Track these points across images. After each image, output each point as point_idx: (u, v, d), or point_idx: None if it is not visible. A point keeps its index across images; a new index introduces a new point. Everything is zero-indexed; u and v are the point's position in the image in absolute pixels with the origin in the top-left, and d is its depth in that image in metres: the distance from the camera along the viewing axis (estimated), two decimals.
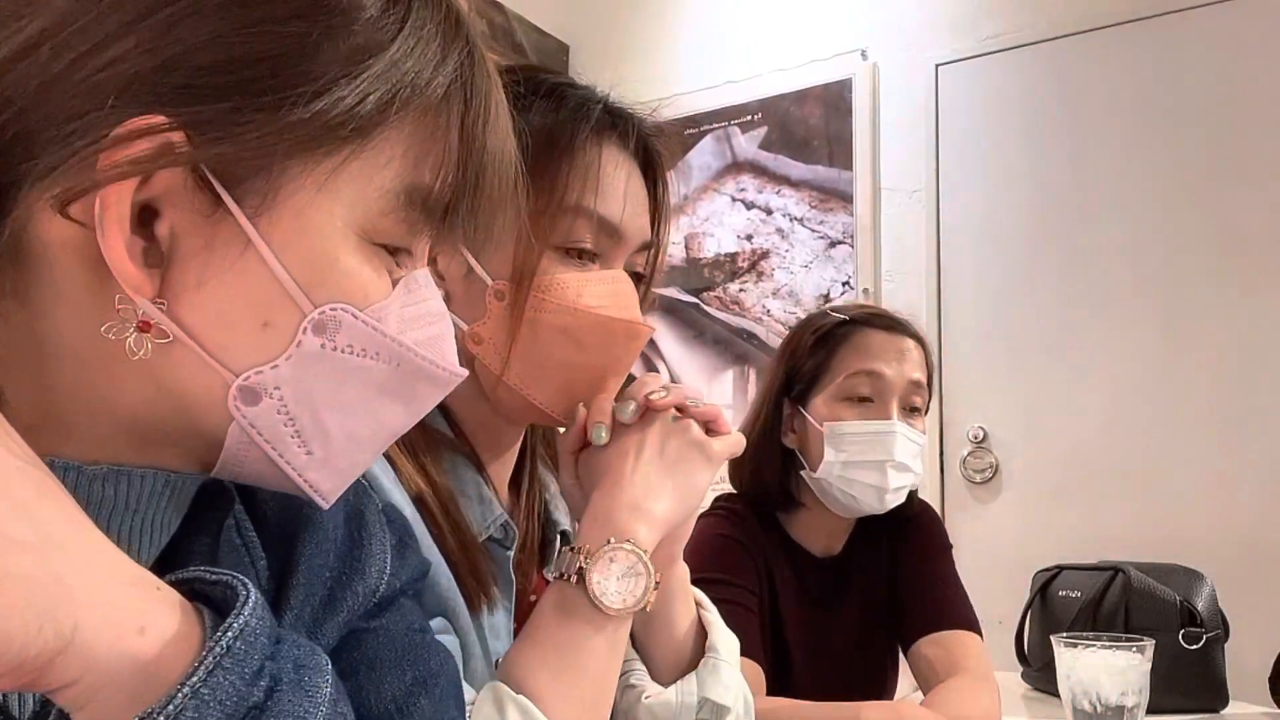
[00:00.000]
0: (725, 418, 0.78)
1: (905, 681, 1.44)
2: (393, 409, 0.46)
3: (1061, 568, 1.55)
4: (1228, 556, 1.99)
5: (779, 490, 1.34)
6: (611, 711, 0.72)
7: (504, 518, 0.74)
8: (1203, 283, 2.22)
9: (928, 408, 1.34)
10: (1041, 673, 1.48)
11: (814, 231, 2.69)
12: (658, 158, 0.80)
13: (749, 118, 2.81)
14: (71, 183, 0.37)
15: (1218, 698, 1.37)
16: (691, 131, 2.88)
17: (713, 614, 0.81)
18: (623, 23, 3.03)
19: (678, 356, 2.85)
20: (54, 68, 0.38)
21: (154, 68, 0.38)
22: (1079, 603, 1.45)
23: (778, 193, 2.75)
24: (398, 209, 0.44)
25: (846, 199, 2.64)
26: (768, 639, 1.27)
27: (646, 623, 0.76)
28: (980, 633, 1.30)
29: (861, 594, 1.38)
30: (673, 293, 2.88)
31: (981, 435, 2.43)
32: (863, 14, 2.66)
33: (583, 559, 0.65)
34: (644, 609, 0.66)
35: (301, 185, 0.41)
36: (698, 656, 0.77)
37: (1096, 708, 1.01)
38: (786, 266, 2.72)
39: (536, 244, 0.70)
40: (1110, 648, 1.02)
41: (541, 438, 0.87)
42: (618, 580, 0.65)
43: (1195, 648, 1.35)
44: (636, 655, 0.77)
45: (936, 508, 1.63)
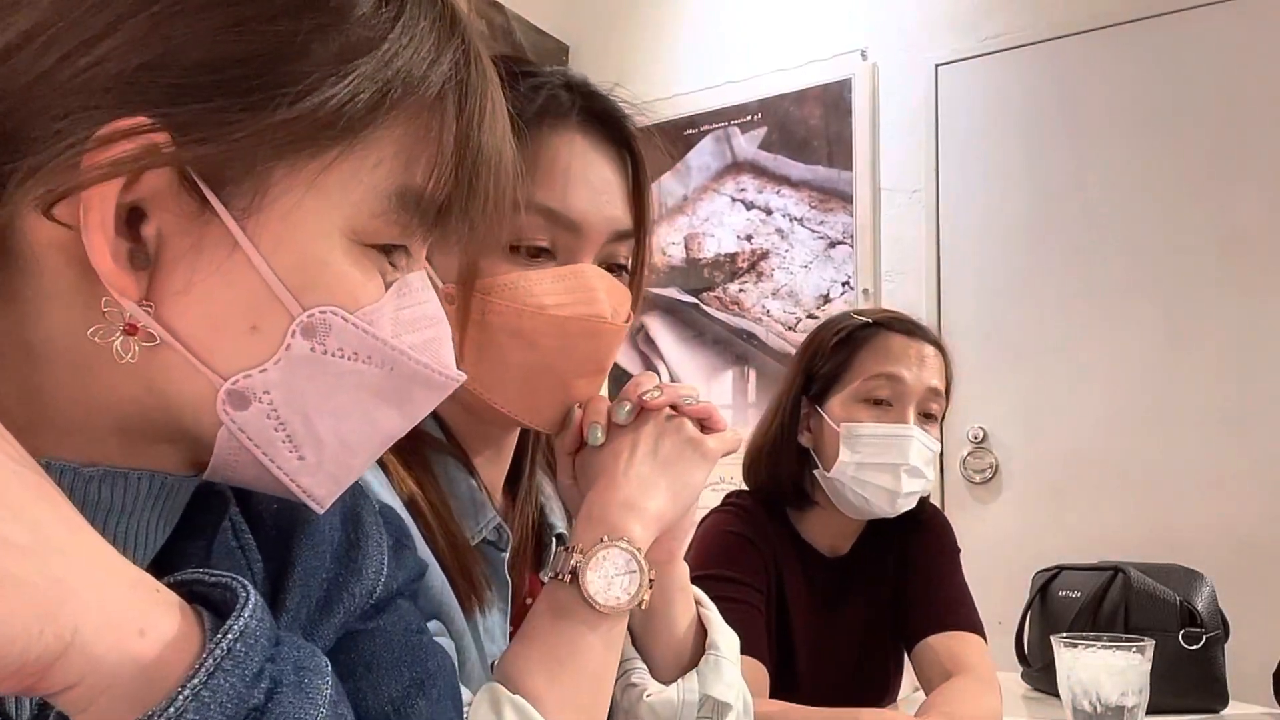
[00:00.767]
0: (720, 415, 0.76)
1: (908, 682, 1.44)
2: (387, 413, 0.46)
3: (1061, 568, 1.54)
4: (1228, 556, 1.99)
5: (793, 488, 1.34)
6: (611, 710, 0.72)
7: (497, 520, 0.74)
8: (1203, 282, 2.22)
9: (944, 416, 1.34)
10: (1041, 673, 1.48)
11: (814, 232, 2.69)
12: (633, 140, 0.76)
13: (749, 118, 2.81)
14: (55, 183, 0.37)
15: (1218, 698, 1.37)
16: (691, 132, 2.88)
17: (712, 611, 0.80)
18: (623, 23, 3.03)
19: (677, 356, 2.85)
20: (41, 66, 0.38)
21: (139, 67, 0.38)
22: (1079, 603, 1.45)
23: (777, 193, 2.75)
24: (389, 210, 0.43)
25: (846, 199, 2.64)
26: (774, 638, 1.27)
27: (646, 621, 0.75)
28: (984, 635, 1.30)
29: (866, 594, 1.38)
30: (672, 293, 2.88)
31: (981, 435, 2.43)
32: (863, 14, 2.66)
33: (576, 558, 0.64)
34: (639, 606, 0.65)
35: (290, 186, 0.40)
36: (698, 654, 0.77)
37: (1096, 708, 1.01)
38: (786, 267, 2.72)
39: (484, 245, 0.67)
40: (1110, 648, 1.02)
41: (542, 440, 0.86)
42: (611, 578, 0.64)
43: (1195, 648, 1.35)
44: (636, 654, 0.76)
45: (942, 511, 1.63)
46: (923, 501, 1.37)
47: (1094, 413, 2.30)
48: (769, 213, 2.76)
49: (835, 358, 1.31)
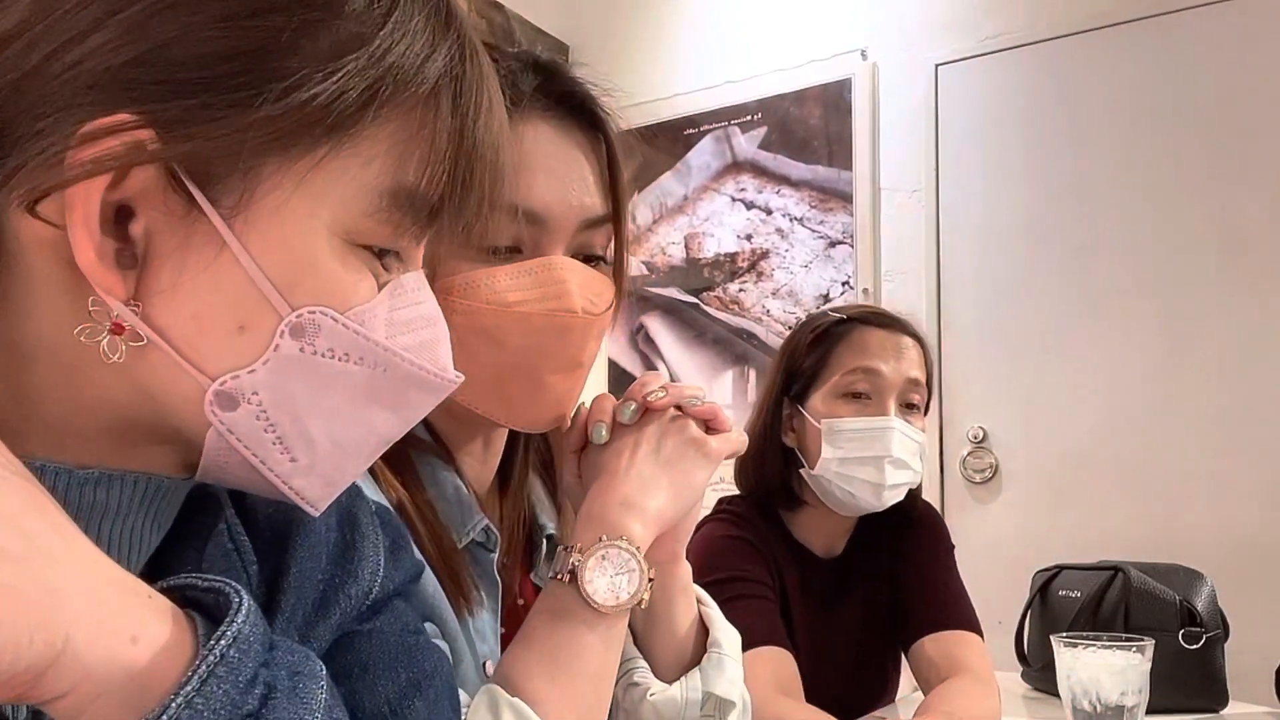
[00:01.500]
0: (725, 416, 0.75)
1: (907, 682, 1.44)
2: (382, 415, 0.45)
3: (1061, 568, 1.54)
4: (1228, 556, 1.99)
5: (781, 489, 1.34)
6: (613, 710, 0.71)
7: (485, 522, 0.73)
8: (1203, 282, 2.22)
9: (928, 407, 1.34)
10: (1041, 673, 1.48)
11: (814, 231, 2.69)
12: (602, 122, 0.73)
13: (749, 118, 2.81)
14: (38, 181, 0.37)
15: (1218, 698, 1.37)
16: (691, 131, 2.88)
17: (714, 610, 0.80)
18: (623, 23, 3.03)
19: (677, 356, 2.85)
20: (26, 64, 0.37)
21: (125, 63, 0.37)
22: (1079, 603, 1.45)
23: (777, 193, 2.75)
24: (381, 209, 0.42)
25: (846, 199, 2.64)
26: None
27: (648, 621, 0.75)
28: (982, 634, 1.30)
29: (863, 594, 1.38)
30: (672, 293, 2.88)
31: (981, 435, 2.42)
32: (862, 14, 2.66)
33: (575, 557, 0.64)
34: (639, 605, 0.65)
35: (278, 184, 0.39)
36: (700, 653, 0.76)
37: (1096, 708, 1.01)
38: (786, 266, 2.72)
39: (445, 243, 0.62)
40: (1110, 648, 1.02)
41: (534, 439, 0.85)
42: (610, 578, 0.63)
43: (1195, 648, 1.35)
44: (639, 653, 0.75)
45: (936, 508, 1.63)
46: (915, 498, 1.37)
47: (1094, 413, 2.30)
48: (769, 212, 2.76)
49: (813, 355, 1.32)
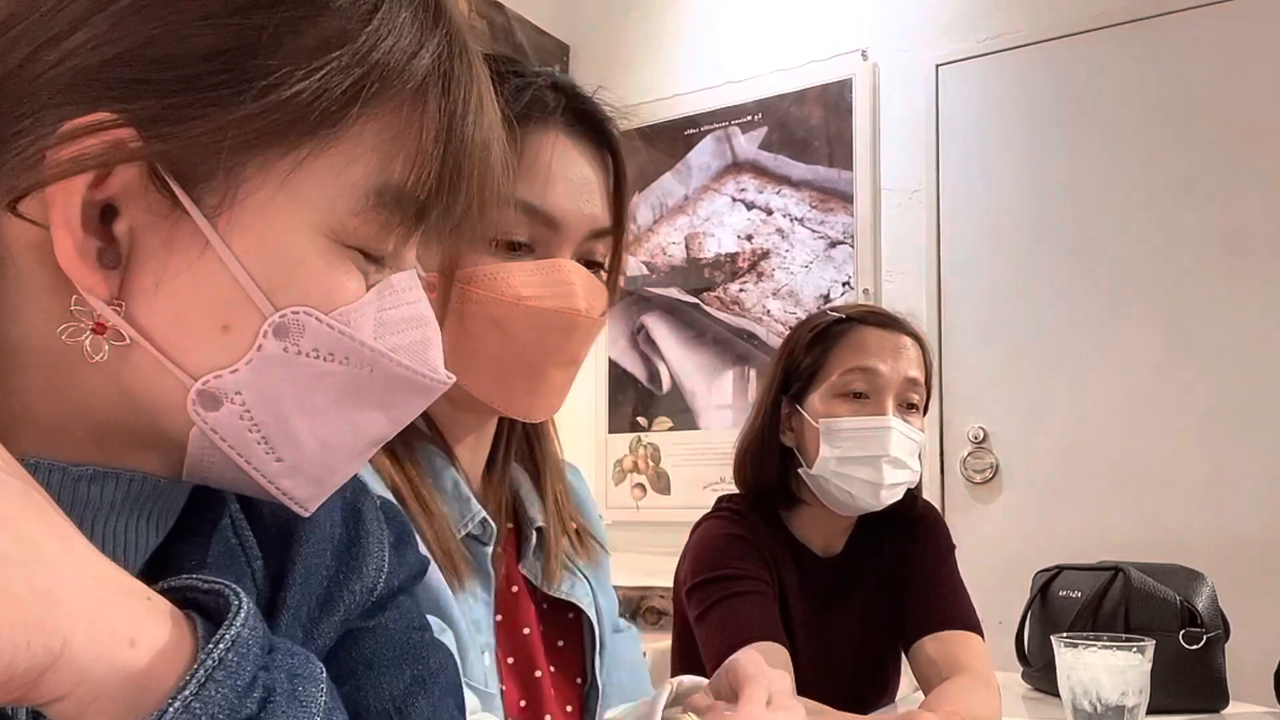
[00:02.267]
0: None
1: (907, 682, 1.44)
2: (370, 416, 0.44)
3: (1061, 568, 1.54)
4: (1228, 556, 1.99)
5: (779, 489, 1.34)
6: None
7: (482, 514, 0.75)
8: (1203, 283, 2.22)
9: (927, 406, 1.34)
10: (1042, 673, 1.48)
11: (814, 232, 2.69)
12: (613, 140, 0.78)
13: (749, 118, 2.81)
14: (18, 180, 0.37)
15: (1218, 698, 1.37)
16: (692, 131, 2.88)
17: None
18: (623, 23, 3.03)
19: (678, 356, 2.85)
20: (9, 62, 0.37)
21: (105, 62, 0.37)
22: (1079, 603, 1.45)
23: (778, 193, 2.75)
24: (368, 208, 0.41)
25: (847, 199, 2.64)
26: None
27: None
28: (982, 633, 1.30)
29: (863, 593, 1.38)
30: (673, 293, 2.88)
31: (981, 435, 2.42)
32: (863, 14, 2.66)
33: None
34: None
35: (261, 183, 0.39)
36: None
37: (1096, 708, 1.01)
38: (787, 267, 2.72)
39: (465, 236, 0.67)
40: (1110, 648, 1.02)
41: (518, 429, 0.86)
42: None
43: (1195, 648, 1.35)
44: None
45: (937, 508, 1.63)
46: (915, 497, 1.37)
47: (1094, 413, 2.30)
48: (769, 213, 2.76)
49: (811, 355, 1.32)
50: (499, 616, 0.76)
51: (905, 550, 1.38)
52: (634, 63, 2.96)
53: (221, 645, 0.35)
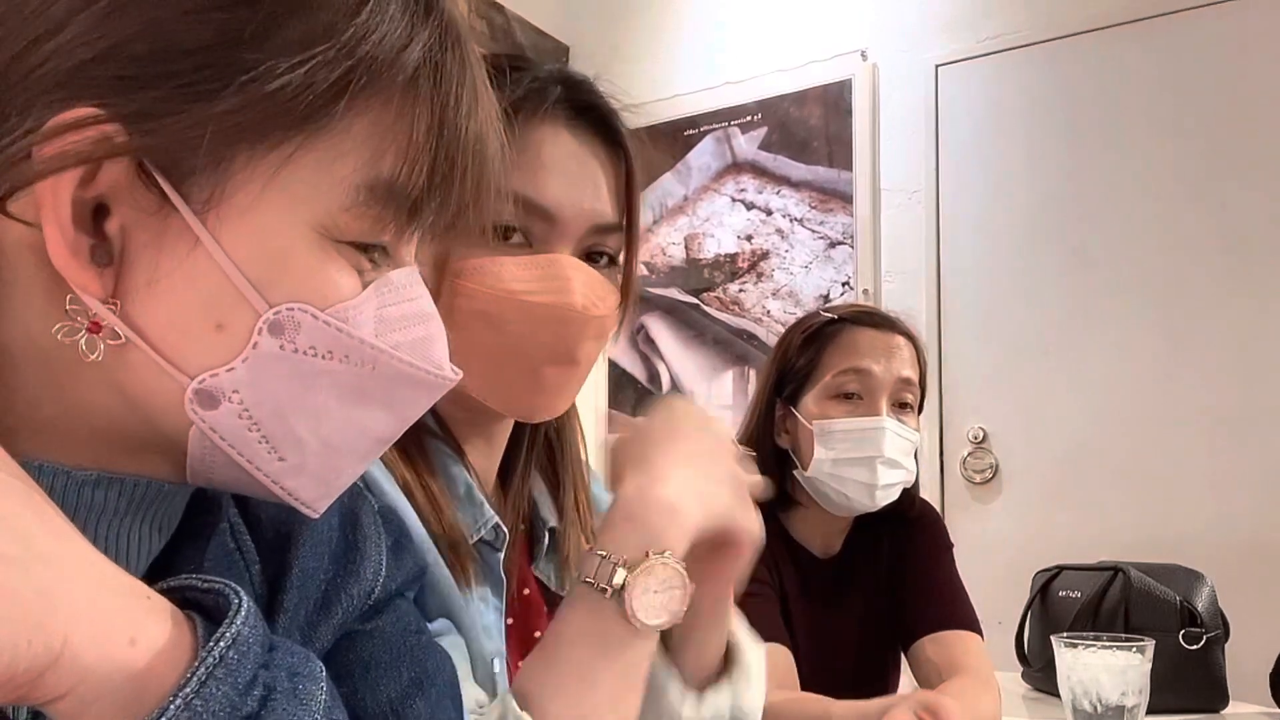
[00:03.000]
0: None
1: (906, 681, 1.44)
2: (375, 415, 0.44)
3: (1061, 568, 1.54)
4: (1228, 556, 1.99)
5: (776, 491, 1.34)
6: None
7: (494, 520, 0.73)
8: (1203, 283, 2.22)
9: (921, 405, 1.34)
10: (1042, 673, 1.48)
11: (814, 232, 2.69)
12: (622, 136, 0.76)
13: (749, 118, 2.81)
14: (5, 178, 0.37)
15: (1218, 698, 1.37)
16: (691, 132, 2.88)
17: (740, 624, 0.78)
18: (623, 23, 3.03)
19: (677, 356, 2.85)
20: None
21: (91, 59, 0.37)
22: (1079, 603, 1.45)
23: (778, 193, 2.75)
24: (359, 203, 0.41)
25: (846, 199, 2.64)
26: None
27: (682, 629, 0.69)
28: (981, 633, 1.30)
29: (862, 594, 1.38)
30: (673, 293, 2.88)
31: (981, 435, 2.42)
32: (863, 14, 2.66)
33: (621, 570, 0.58)
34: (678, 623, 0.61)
35: (250, 179, 0.39)
36: (724, 664, 0.73)
37: (1096, 708, 1.01)
38: (786, 267, 2.72)
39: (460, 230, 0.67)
40: (1110, 648, 1.02)
41: (540, 434, 0.84)
42: (654, 594, 0.59)
43: (1195, 648, 1.35)
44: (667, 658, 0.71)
45: (936, 508, 1.63)
46: (913, 497, 1.37)
47: (1094, 413, 2.30)
48: (769, 213, 2.76)
49: (804, 356, 1.31)
50: (510, 620, 0.75)
51: (904, 550, 1.38)
52: (633, 63, 2.96)
53: (222, 644, 0.35)
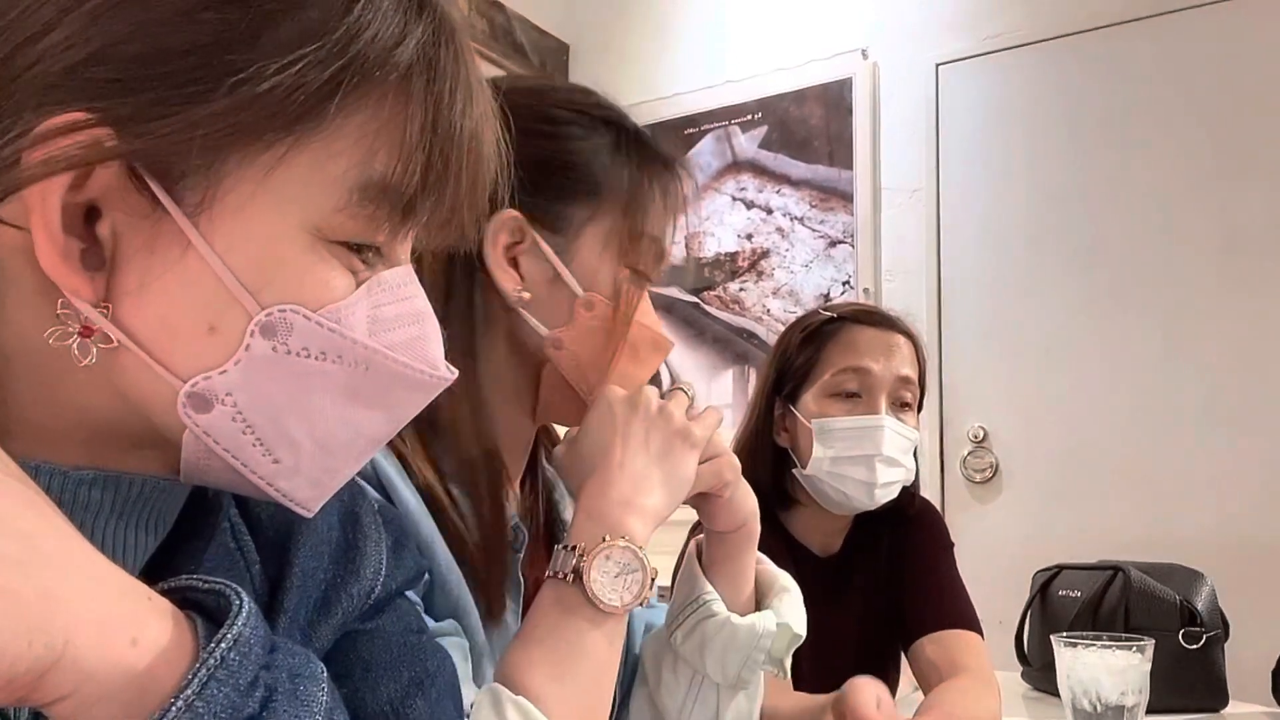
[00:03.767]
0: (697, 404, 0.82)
1: (906, 681, 1.44)
2: (368, 415, 0.44)
3: (1061, 567, 1.54)
4: (1228, 556, 1.99)
5: (774, 489, 1.34)
6: (687, 635, 0.77)
7: (515, 520, 0.75)
8: (1203, 283, 2.22)
9: (921, 404, 1.34)
10: (1041, 672, 1.48)
11: (814, 231, 2.69)
12: (686, 202, 0.84)
13: (749, 117, 2.81)
14: None
15: (1218, 698, 1.37)
16: (692, 131, 2.88)
17: (769, 564, 0.87)
18: (623, 22, 3.03)
19: (678, 356, 2.85)
20: None
21: (80, 62, 0.37)
22: (1079, 603, 1.45)
23: (778, 192, 2.75)
24: (352, 203, 0.41)
25: (847, 198, 2.64)
26: None
27: (720, 572, 0.81)
28: (981, 632, 1.30)
29: (862, 593, 1.38)
30: (673, 292, 2.88)
31: (981, 435, 2.42)
32: (863, 13, 2.66)
33: (578, 557, 0.65)
34: (641, 604, 0.66)
35: (241, 180, 0.39)
36: (757, 599, 0.83)
37: (1096, 708, 1.01)
38: (787, 266, 2.72)
39: (624, 265, 0.75)
40: (1110, 648, 1.02)
41: (550, 432, 0.88)
42: (614, 577, 0.65)
43: (1195, 648, 1.35)
44: (711, 588, 0.79)
45: (935, 506, 1.63)
46: (914, 496, 1.37)
47: (1094, 413, 2.30)
48: (769, 212, 2.76)
49: (803, 355, 1.31)
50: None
51: (904, 549, 1.38)
52: (634, 62, 2.96)
53: (223, 644, 0.34)
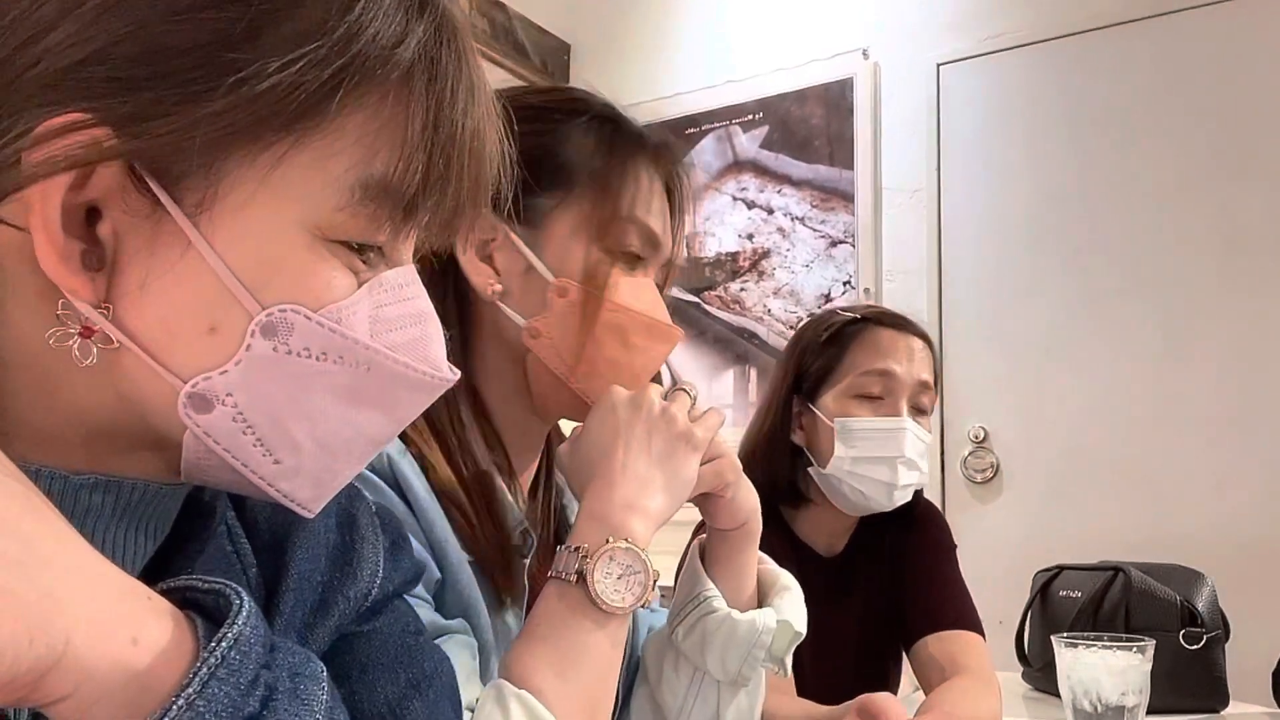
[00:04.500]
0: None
1: (907, 681, 1.44)
2: (370, 416, 0.43)
3: (1061, 568, 1.54)
4: (1228, 556, 1.99)
5: (788, 487, 1.34)
6: (688, 631, 0.78)
7: (524, 525, 0.76)
8: (1203, 283, 2.22)
9: (932, 408, 1.34)
10: (1042, 673, 1.48)
11: (815, 231, 2.69)
12: (681, 184, 0.84)
13: (750, 117, 2.81)
14: None
15: (1218, 698, 1.37)
16: (692, 131, 2.88)
17: (771, 564, 0.87)
18: (624, 22, 3.03)
19: (678, 356, 2.84)
20: None
21: (79, 61, 0.37)
22: (1079, 603, 1.45)
23: (779, 192, 2.75)
24: (353, 203, 0.40)
25: (848, 198, 2.64)
26: None
27: (721, 570, 0.82)
28: (983, 633, 1.30)
29: (864, 592, 1.38)
30: (674, 292, 2.88)
31: (982, 435, 2.42)
32: (864, 13, 2.66)
33: (582, 559, 0.66)
34: (644, 606, 0.67)
35: (241, 180, 0.38)
36: (759, 598, 0.83)
37: (1097, 708, 1.01)
38: (787, 266, 2.72)
39: (598, 248, 0.74)
40: (1110, 648, 1.02)
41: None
42: (617, 579, 0.66)
43: (1195, 648, 1.35)
44: (712, 585, 0.80)
45: (937, 507, 1.63)
46: (917, 497, 1.37)
47: (1094, 413, 2.30)
48: (770, 212, 2.76)
49: (825, 354, 1.32)
50: None
51: (906, 550, 1.38)
52: (634, 61, 2.96)
53: (224, 644, 0.34)
